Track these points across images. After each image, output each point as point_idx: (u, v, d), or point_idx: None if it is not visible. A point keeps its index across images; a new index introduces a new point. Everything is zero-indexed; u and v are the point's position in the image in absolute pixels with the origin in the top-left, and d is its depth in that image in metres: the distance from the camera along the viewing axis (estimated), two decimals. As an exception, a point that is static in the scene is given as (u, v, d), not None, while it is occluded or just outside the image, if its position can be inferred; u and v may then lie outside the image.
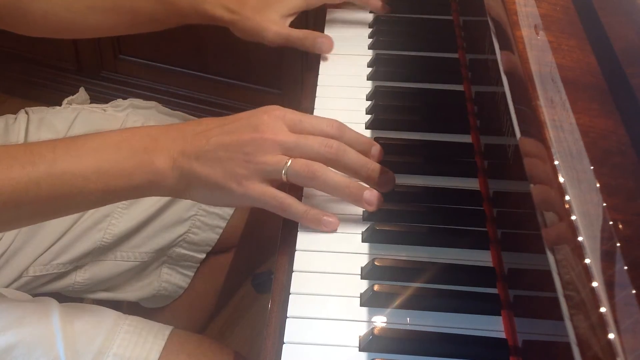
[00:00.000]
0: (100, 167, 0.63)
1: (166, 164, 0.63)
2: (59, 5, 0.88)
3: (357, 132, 0.68)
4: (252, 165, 0.62)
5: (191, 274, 1.01)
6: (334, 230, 0.64)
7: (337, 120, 0.67)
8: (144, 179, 0.63)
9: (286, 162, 0.62)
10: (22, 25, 0.90)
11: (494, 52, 0.62)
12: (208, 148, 0.63)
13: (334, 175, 0.64)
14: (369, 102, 0.81)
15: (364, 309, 0.58)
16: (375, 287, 0.59)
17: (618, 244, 0.40)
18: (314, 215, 0.64)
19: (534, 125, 0.49)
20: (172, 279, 1.00)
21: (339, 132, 0.66)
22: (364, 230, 0.65)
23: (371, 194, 0.65)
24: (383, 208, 0.65)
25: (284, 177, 0.63)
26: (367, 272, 0.61)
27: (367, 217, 0.66)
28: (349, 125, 0.78)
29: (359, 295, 0.59)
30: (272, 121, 0.64)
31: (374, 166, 0.66)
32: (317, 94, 0.83)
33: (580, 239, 0.40)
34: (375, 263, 0.61)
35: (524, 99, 0.51)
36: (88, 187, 0.63)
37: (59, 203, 0.64)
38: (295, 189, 0.67)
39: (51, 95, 1.83)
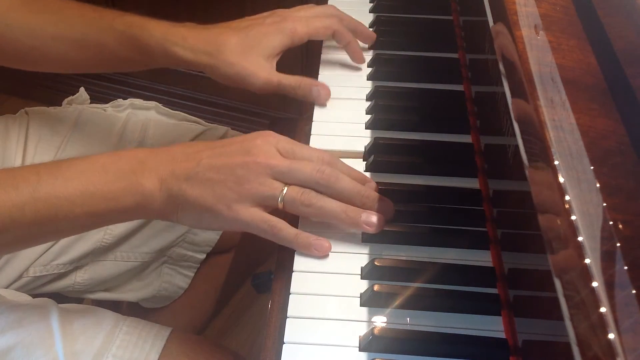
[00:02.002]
0: (86, 190, 0.61)
1: (154, 185, 0.62)
2: (21, 31, 0.82)
3: (348, 166, 0.66)
4: (244, 189, 0.61)
5: (191, 274, 1.01)
6: (325, 255, 0.62)
7: (328, 153, 0.66)
8: (131, 201, 0.62)
9: (282, 189, 0.61)
10: None
11: (494, 52, 0.62)
12: (198, 170, 0.61)
13: (330, 202, 0.62)
14: (369, 102, 0.81)
15: (364, 309, 0.58)
16: (375, 287, 0.59)
17: (618, 244, 0.40)
18: (304, 239, 0.62)
19: (534, 125, 0.49)
20: (172, 279, 1.00)
21: (330, 164, 0.64)
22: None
23: (369, 215, 0.63)
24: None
25: (280, 205, 0.62)
26: (367, 272, 0.61)
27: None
28: (348, 125, 0.78)
29: (359, 295, 0.59)
30: (265, 146, 0.63)
31: (369, 193, 0.64)
32: (317, 94, 0.83)
33: (580, 239, 0.40)
34: (375, 263, 0.61)
35: (524, 99, 0.51)
36: (74, 211, 0.61)
37: (44, 228, 0.62)
38: (289, 215, 0.65)
39: (51, 95, 1.83)
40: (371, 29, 0.95)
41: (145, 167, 0.62)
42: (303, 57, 1.59)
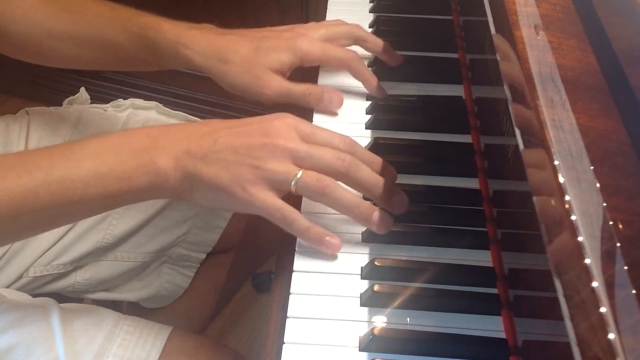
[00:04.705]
0: (100, 171, 0.60)
1: (169, 164, 0.61)
2: (40, 30, 0.83)
3: (369, 152, 0.65)
4: (260, 171, 0.60)
5: (191, 274, 1.01)
6: (334, 253, 0.62)
7: (349, 137, 0.64)
8: (145, 181, 0.61)
9: (296, 173, 0.60)
10: (3, 46, 0.86)
11: (494, 52, 0.62)
12: (215, 149, 0.60)
13: (345, 193, 0.61)
14: (368, 102, 0.81)
15: (364, 309, 0.58)
16: (375, 287, 0.59)
17: (618, 244, 0.40)
18: (316, 234, 0.61)
19: (534, 125, 0.49)
20: (172, 279, 1.00)
21: (351, 149, 0.63)
22: (363, 230, 0.65)
23: (381, 216, 0.62)
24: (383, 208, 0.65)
25: (293, 189, 0.60)
26: (367, 272, 0.61)
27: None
28: (348, 125, 0.78)
29: (359, 295, 0.59)
30: (285, 128, 0.61)
31: (387, 185, 0.63)
32: (317, 94, 0.83)
33: (580, 239, 0.40)
34: (375, 263, 0.61)
35: (524, 99, 0.51)
36: (88, 193, 0.60)
37: (58, 211, 0.62)
38: (293, 198, 0.64)
39: (51, 95, 1.83)
40: (371, 29, 0.95)
41: (158, 145, 0.61)
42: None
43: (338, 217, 0.65)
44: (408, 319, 0.57)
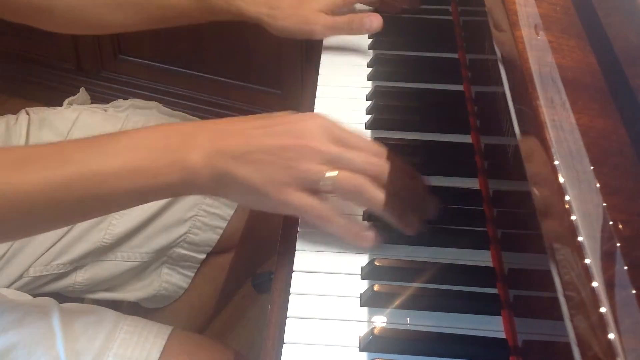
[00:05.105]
0: (133, 166, 0.60)
1: (200, 162, 0.60)
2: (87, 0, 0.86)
3: (398, 159, 0.65)
4: (294, 171, 0.60)
5: (191, 274, 1.01)
6: (370, 246, 0.63)
7: (378, 143, 0.64)
8: (176, 177, 0.61)
9: (332, 173, 0.60)
10: (47, 20, 0.88)
11: (494, 52, 0.62)
12: (248, 149, 0.60)
13: (378, 192, 0.61)
14: (369, 102, 0.81)
15: (364, 309, 0.58)
16: (375, 287, 0.59)
17: (618, 244, 0.40)
18: (354, 230, 0.62)
19: (534, 125, 0.49)
20: (172, 279, 1.00)
21: (379, 154, 0.63)
22: (364, 230, 0.65)
23: (414, 219, 0.63)
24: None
25: (327, 188, 0.60)
26: (367, 272, 0.61)
27: (367, 217, 0.66)
28: (349, 125, 0.78)
29: (359, 295, 0.59)
30: (317, 130, 0.61)
31: (417, 190, 0.64)
32: (317, 94, 0.83)
33: (580, 239, 0.40)
34: (375, 263, 0.61)
35: (524, 99, 0.51)
36: (120, 188, 0.60)
37: (90, 204, 0.62)
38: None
39: (51, 95, 1.83)
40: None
41: (190, 143, 0.61)
42: (303, 58, 1.60)
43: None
44: (408, 319, 0.57)
